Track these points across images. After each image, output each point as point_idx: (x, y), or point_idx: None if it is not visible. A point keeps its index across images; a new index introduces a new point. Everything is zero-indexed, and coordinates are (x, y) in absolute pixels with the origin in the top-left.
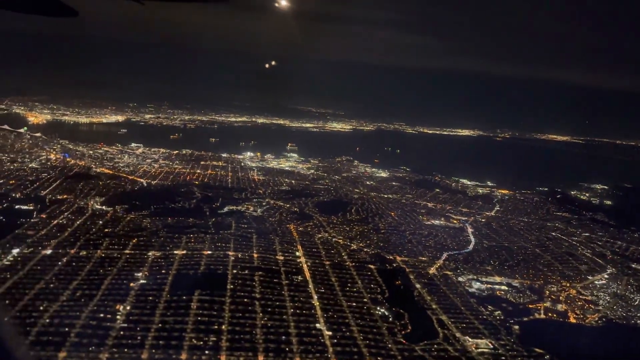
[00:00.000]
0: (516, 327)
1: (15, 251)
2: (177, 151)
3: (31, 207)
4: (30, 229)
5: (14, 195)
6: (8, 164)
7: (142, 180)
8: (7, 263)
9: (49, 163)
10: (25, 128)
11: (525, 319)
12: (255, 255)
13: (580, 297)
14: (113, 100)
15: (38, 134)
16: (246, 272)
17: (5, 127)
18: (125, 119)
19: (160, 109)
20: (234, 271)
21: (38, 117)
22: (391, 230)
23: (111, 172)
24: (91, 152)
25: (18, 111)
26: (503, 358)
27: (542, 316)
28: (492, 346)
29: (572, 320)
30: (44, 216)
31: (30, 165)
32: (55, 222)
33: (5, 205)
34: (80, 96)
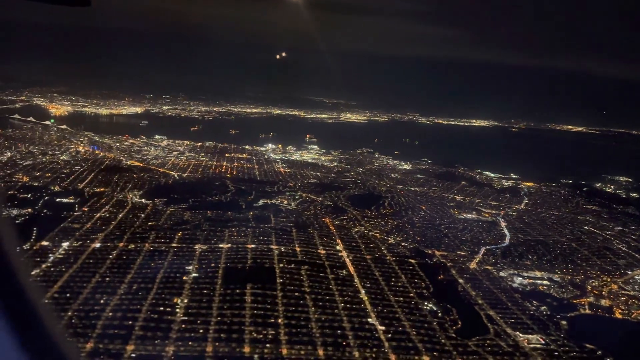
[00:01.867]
0: (564, 322)
1: (65, 244)
2: (200, 143)
3: (72, 200)
4: (75, 222)
5: (53, 189)
6: (40, 156)
7: (173, 173)
8: (59, 256)
9: (79, 156)
10: (52, 120)
11: (572, 314)
12: (297, 249)
13: (623, 292)
14: (129, 91)
15: (64, 126)
16: (292, 266)
17: (31, 119)
18: (144, 110)
19: (177, 100)
20: (281, 265)
21: (59, 108)
22: (426, 224)
23: (141, 164)
24: (118, 144)
25: (39, 102)
26: (556, 354)
27: (588, 311)
28: (543, 342)
29: (618, 315)
30: (86, 209)
31: (61, 158)
32: (98, 215)
33: (46, 198)
34: (97, 87)
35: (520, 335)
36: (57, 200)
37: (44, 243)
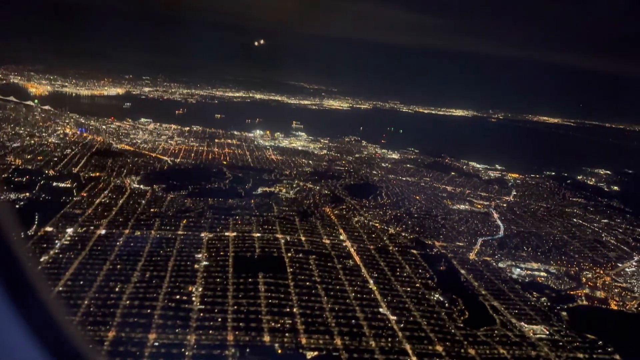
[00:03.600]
0: (564, 313)
1: (69, 230)
2: (188, 128)
3: (69, 185)
4: (76, 208)
5: (47, 172)
6: (28, 138)
7: (165, 158)
8: (66, 243)
9: (67, 138)
10: (37, 101)
11: (571, 305)
12: (303, 239)
13: (616, 284)
14: (108, 71)
15: (47, 107)
16: (300, 255)
17: (12, 98)
18: (125, 91)
19: (157, 82)
20: (289, 254)
21: (38, 88)
22: (423, 214)
23: (132, 149)
24: (104, 127)
25: (16, 81)
26: (560, 344)
27: (585, 302)
28: (547, 332)
29: (614, 306)
30: (85, 194)
31: (50, 140)
32: (98, 200)
33: (42, 182)
34: (75, 66)
35: (525, 325)
36: (54, 184)
37: (48, 229)
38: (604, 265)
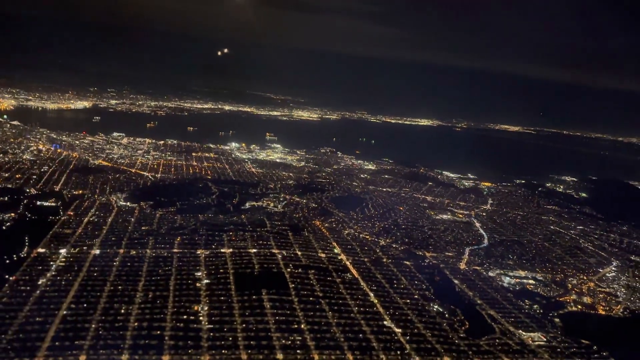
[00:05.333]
0: (557, 319)
1: (63, 251)
2: (162, 141)
3: (53, 204)
4: (65, 228)
5: (29, 191)
6: (1, 155)
7: (146, 173)
8: (61, 264)
9: (41, 154)
10: (5, 116)
11: (561, 311)
12: (299, 253)
13: (600, 289)
14: (71, 84)
15: (16, 122)
16: (300, 270)
17: None
18: (92, 104)
19: (123, 94)
20: (289, 269)
21: (2, 102)
22: (410, 225)
23: (110, 164)
24: (77, 142)
25: None
26: (559, 350)
27: (574, 308)
28: (545, 339)
29: (601, 311)
30: (71, 213)
31: (25, 157)
32: (86, 219)
33: (25, 202)
34: (37, 80)
35: (524, 333)
36: (39, 203)
37: (40, 250)
38: (587, 271)
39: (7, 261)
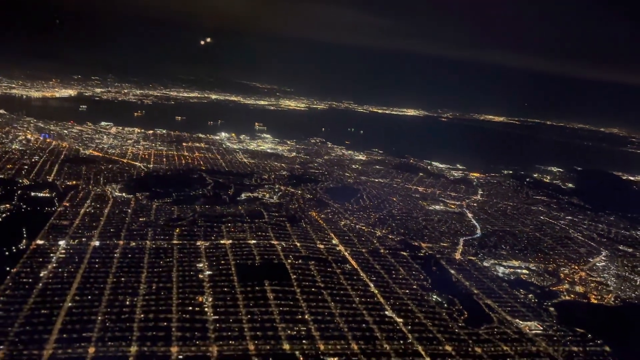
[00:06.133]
0: (552, 308)
1: (62, 243)
2: (151, 131)
3: (48, 195)
4: (62, 219)
5: (22, 182)
6: None
7: (138, 164)
8: (61, 256)
9: (30, 144)
10: None
11: (555, 301)
12: (298, 244)
13: (591, 278)
14: (55, 71)
15: (2, 111)
16: (300, 261)
17: None
18: (77, 93)
19: (107, 82)
20: (289, 261)
21: None
22: (404, 216)
23: (101, 154)
24: (66, 131)
25: None
26: (555, 338)
27: (568, 298)
28: (541, 328)
29: (593, 300)
30: (67, 204)
31: (14, 147)
32: (83, 210)
33: (19, 192)
34: (19, 67)
35: (521, 322)
36: (33, 194)
37: (39, 242)
38: (578, 261)
39: (7, 253)
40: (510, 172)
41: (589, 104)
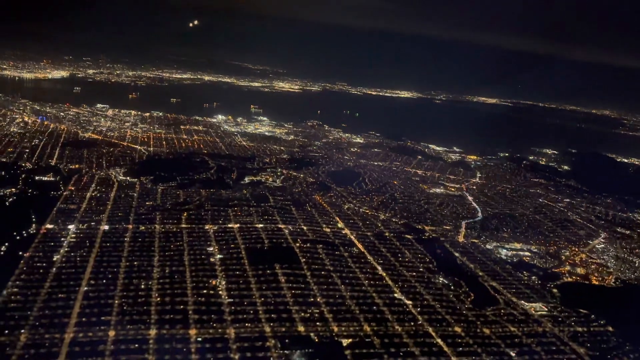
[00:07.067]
0: (555, 290)
1: (71, 227)
2: (148, 113)
3: (52, 179)
4: (69, 203)
5: (24, 165)
6: None
7: (138, 147)
8: (72, 240)
9: (28, 127)
10: None
11: (558, 282)
12: (305, 228)
13: (591, 260)
14: (46, 52)
15: None
16: (308, 245)
17: None
18: (69, 74)
19: (99, 63)
20: (297, 244)
21: None
22: (406, 199)
23: (100, 137)
24: (62, 114)
25: None
26: (560, 319)
27: (570, 279)
28: (546, 309)
29: (595, 282)
30: (72, 188)
31: (12, 130)
32: (89, 194)
33: (23, 176)
34: (8, 47)
35: (526, 304)
36: (37, 178)
37: (49, 226)
38: (577, 243)
39: (17, 237)
40: (506, 154)
41: (580, 86)
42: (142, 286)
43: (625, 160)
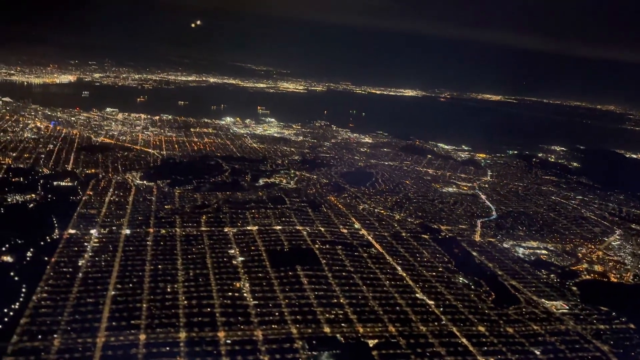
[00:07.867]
0: (574, 288)
1: (94, 232)
2: (158, 117)
3: (70, 184)
4: (89, 208)
5: (42, 171)
6: (1, 134)
7: (151, 151)
8: (95, 245)
9: (42, 132)
10: None
11: (577, 280)
12: (322, 229)
13: (608, 257)
14: (51, 56)
15: (7, 99)
16: (327, 246)
17: None
18: (76, 78)
19: (105, 67)
20: (316, 246)
21: None
22: (420, 199)
23: (113, 142)
24: (73, 118)
25: None
26: (581, 317)
27: (588, 277)
28: (567, 307)
29: (613, 279)
30: (91, 193)
31: (26, 135)
32: (107, 199)
33: (42, 182)
34: (15, 52)
35: (546, 302)
36: (55, 184)
37: (71, 231)
38: (593, 241)
39: (42, 243)
40: (515, 152)
41: (585, 81)
42: (168, 289)
43: (634, 156)
